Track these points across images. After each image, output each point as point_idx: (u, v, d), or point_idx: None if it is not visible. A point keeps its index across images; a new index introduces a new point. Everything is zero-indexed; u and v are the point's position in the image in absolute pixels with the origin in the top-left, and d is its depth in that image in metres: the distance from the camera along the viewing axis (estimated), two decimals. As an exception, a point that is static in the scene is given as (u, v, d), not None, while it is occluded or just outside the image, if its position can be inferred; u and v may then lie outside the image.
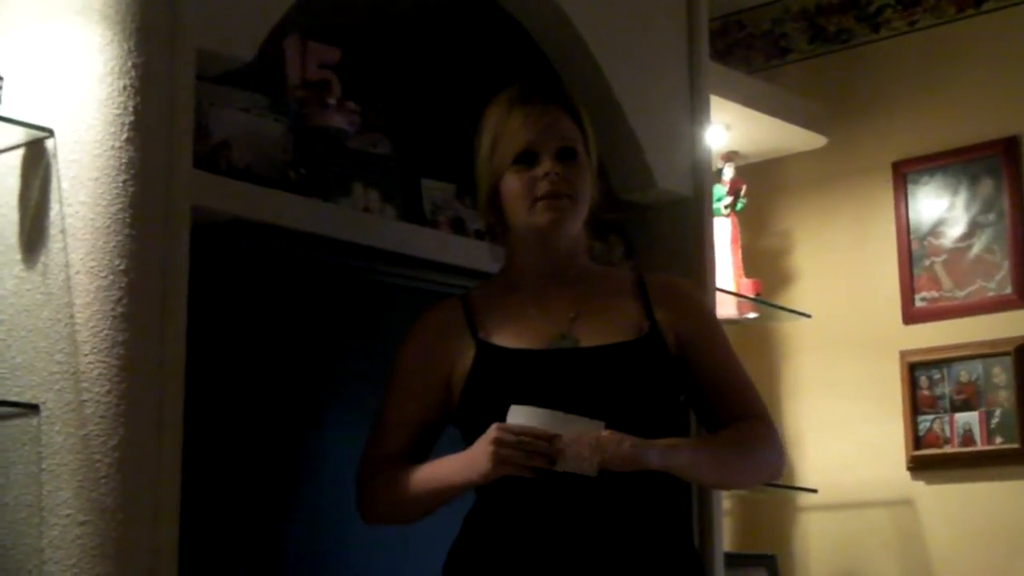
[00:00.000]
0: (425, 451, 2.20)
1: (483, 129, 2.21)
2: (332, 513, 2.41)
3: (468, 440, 2.15)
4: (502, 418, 2.04)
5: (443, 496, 2.12)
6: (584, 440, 1.97)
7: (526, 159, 2.15)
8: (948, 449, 3.90)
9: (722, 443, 2.17)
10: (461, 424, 2.18)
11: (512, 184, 2.16)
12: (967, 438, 3.87)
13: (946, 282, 3.98)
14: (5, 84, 2.22)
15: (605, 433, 1.98)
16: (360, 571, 2.44)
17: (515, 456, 1.97)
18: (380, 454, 2.19)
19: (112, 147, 2.16)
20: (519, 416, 2.00)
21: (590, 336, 2.13)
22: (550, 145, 2.15)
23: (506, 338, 2.15)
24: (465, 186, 2.74)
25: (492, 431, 2.00)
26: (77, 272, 2.15)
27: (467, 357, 2.15)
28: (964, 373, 3.90)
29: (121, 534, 2.06)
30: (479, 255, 2.35)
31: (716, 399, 2.20)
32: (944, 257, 4.00)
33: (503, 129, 2.17)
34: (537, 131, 2.15)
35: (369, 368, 2.43)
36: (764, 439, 2.20)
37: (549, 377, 2.09)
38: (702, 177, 3.26)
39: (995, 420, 3.84)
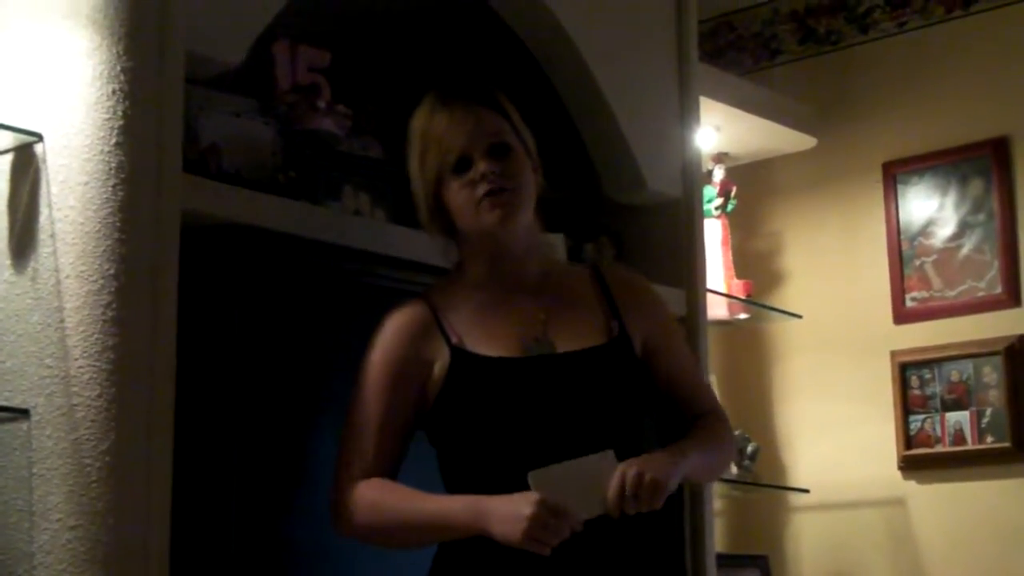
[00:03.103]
0: (401, 459, 2.16)
1: (409, 142, 2.19)
2: (325, 516, 2.40)
3: (438, 444, 2.13)
4: (482, 430, 2.04)
5: (444, 537, 2.07)
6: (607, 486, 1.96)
7: (461, 166, 2.13)
8: (939, 448, 3.91)
9: (702, 446, 2.16)
10: (432, 430, 2.14)
11: (454, 195, 2.14)
12: (958, 437, 3.88)
13: (936, 282, 3.99)
14: (-6, 89, 2.23)
15: (629, 473, 1.95)
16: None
17: (547, 537, 1.93)
18: (361, 471, 2.11)
19: (101, 151, 2.15)
20: (542, 483, 1.96)
21: (564, 340, 2.13)
22: (480, 146, 2.12)
23: (480, 344, 2.12)
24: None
25: (532, 506, 1.92)
26: (67, 276, 2.14)
27: (441, 362, 2.12)
28: (955, 373, 3.91)
29: (112, 538, 2.06)
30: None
31: (677, 396, 2.23)
32: (934, 257, 4.00)
33: (428, 140, 2.15)
34: (464, 136, 2.12)
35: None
36: (725, 435, 2.25)
37: (529, 386, 2.07)
38: (692, 178, 3.27)
39: (986, 419, 3.84)
